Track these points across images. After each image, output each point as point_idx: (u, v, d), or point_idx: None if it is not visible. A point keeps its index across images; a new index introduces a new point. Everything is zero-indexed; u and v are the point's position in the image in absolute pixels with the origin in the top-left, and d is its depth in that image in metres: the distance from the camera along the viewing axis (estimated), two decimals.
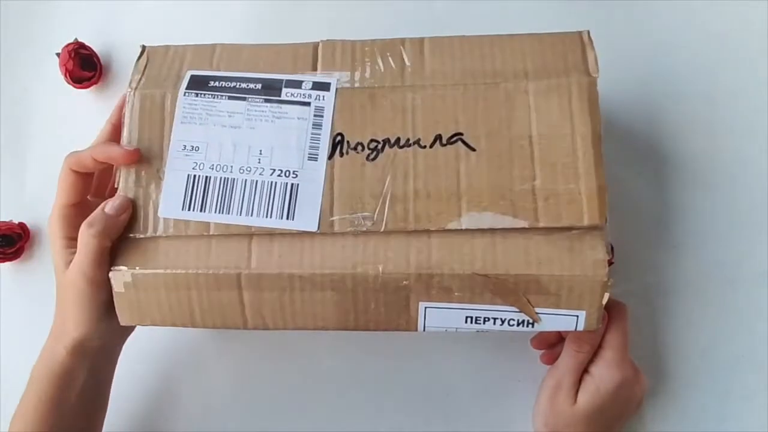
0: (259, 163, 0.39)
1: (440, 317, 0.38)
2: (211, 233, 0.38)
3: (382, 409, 0.47)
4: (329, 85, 0.40)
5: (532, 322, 0.37)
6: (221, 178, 0.39)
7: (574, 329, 0.37)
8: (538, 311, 0.37)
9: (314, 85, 0.40)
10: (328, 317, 0.38)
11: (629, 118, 0.49)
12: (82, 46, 0.52)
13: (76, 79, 0.52)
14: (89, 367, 0.40)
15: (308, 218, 0.38)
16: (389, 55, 0.40)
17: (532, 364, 0.46)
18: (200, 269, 0.37)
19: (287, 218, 0.38)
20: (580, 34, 0.40)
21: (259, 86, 0.40)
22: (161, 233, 0.38)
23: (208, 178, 0.39)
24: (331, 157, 0.39)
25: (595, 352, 0.42)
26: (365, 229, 0.37)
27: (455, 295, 0.37)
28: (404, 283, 0.37)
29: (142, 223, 0.39)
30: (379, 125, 0.39)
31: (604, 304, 0.36)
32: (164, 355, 0.49)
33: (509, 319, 0.37)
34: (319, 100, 0.39)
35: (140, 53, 0.42)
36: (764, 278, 0.47)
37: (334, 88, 0.40)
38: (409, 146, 0.38)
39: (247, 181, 0.38)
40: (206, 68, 0.41)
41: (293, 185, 0.38)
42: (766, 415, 0.46)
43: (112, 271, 0.38)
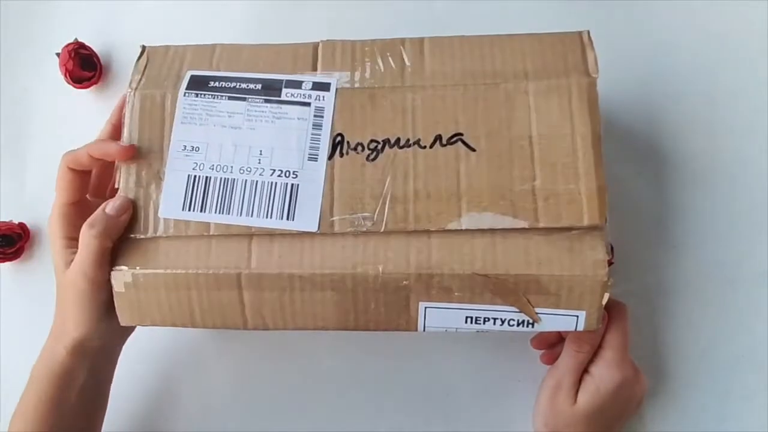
0: (259, 163, 0.39)
1: (440, 317, 0.38)
2: (211, 233, 0.38)
3: (382, 409, 0.47)
4: (329, 85, 0.40)
5: (532, 322, 0.37)
6: (221, 178, 0.39)
7: (574, 329, 0.37)
8: (538, 311, 0.37)
9: (314, 85, 0.40)
10: (328, 317, 0.38)
11: (629, 118, 0.49)
12: (82, 46, 0.52)
13: (76, 79, 0.52)
14: (89, 367, 0.40)
15: (308, 218, 0.38)
16: (389, 55, 0.40)
17: (532, 364, 0.46)
18: (200, 269, 0.37)
19: (287, 218, 0.38)
20: (580, 34, 0.40)
21: (259, 86, 0.40)
22: (161, 233, 0.38)
23: (208, 178, 0.39)
24: (331, 157, 0.39)
25: (595, 352, 0.42)
26: (365, 229, 0.37)
27: (455, 295, 0.37)
28: (404, 283, 0.37)
29: (142, 223, 0.39)
30: (379, 125, 0.39)
31: (604, 304, 0.36)
32: (164, 355, 0.49)
33: (509, 319, 0.37)
34: (319, 100, 0.39)
35: (140, 53, 0.42)
36: (764, 278, 0.47)
37: (334, 88, 0.40)
38: (409, 146, 0.38)
39: (247, 181, 0.38)
40: (206, 68, 0.41)
41: (293, 186, 0.38)
42: (766, 415, 0.46)
43: (113, 271, 0.38)
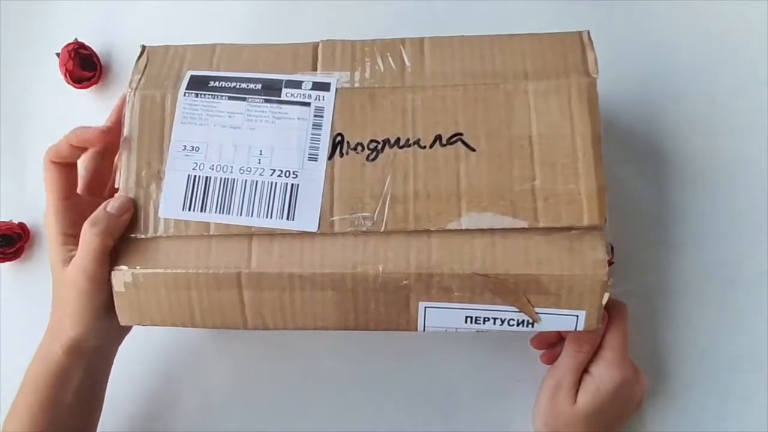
0: (259, 163, 0.39)
1: (440, 317, 0.38)
2: (211, 233, 0.38)
3: (382, 409, 0.47)
4: (329, 85, 0.40)
5: (532, 322, 0.37)
6: (221, 178, 0.39)
7: (574, 329, 0.37)
8: (538, 311, 0.37)
9: (314, 85, 0.40)
10: (328, 317, 0.38)
11: (629, 118, 0.49)
12: (82, 46, 0.52)
13: (76, 79, 0.52)
14: (85, 366, 0.40)
15: (308, 218, 0.38)
16: (389, 55, 0.40)
17: (532, 364, 0.46)
18: (200, 269, 0.37)
19: (287, 218, 0.38)
20: (580, 34, 0.40)
21: (259, 86, 0.40)
22: (162, 233, 0.38)
23: (208, 178, 0.39)
24: (331, 157, 0.39)
25: (595, 352, 0.42)
26: (365, 229, 0.37)
27: (455, 294, 0.37)
28: (404, 282, 0.37)
29: (142, 223, 0.39)
30: (379, 125, 0.39)
31: (604, 303, 0.36)
32: (164, 355, 0.49)
33: (509, 319, 0.37)
34: (319, 100, 0.39)
35: (140, 53, 0.42)
36: (764, 278, 0.47)
37: (334, 88, 0.40)
38: (409, 146, 0.38)
39: (247, 181, 0.38)
40: (206, 68, 0.41)
41: (293, 185, 0.38)
42: (766, 415, 0.46)
43: (113, 270, 0.38)
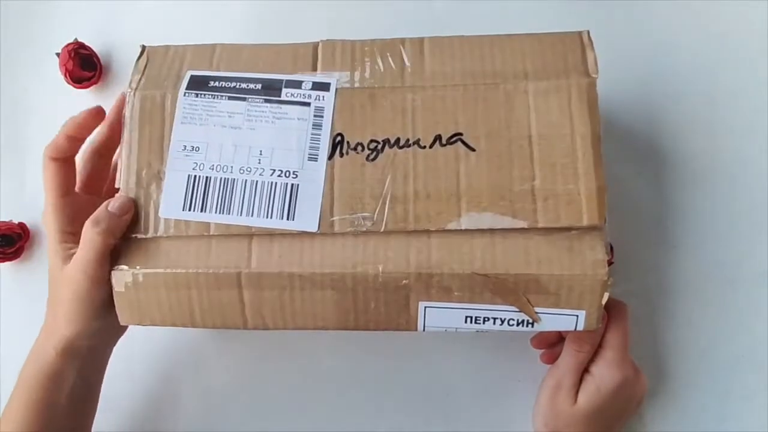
0: (259, 163, 0.39)
1: (440, 317, 0.38)
2: (211, 233, 0.38)
3: (382, 409, 0.47)
4: (329, 85, 0.40)
5: (532, 321, 0.37)
6: (221, 178, 0.39)
7: (574, 329, 0.37)
8: (537, 311, 0.37)
9: (314, 85, 0.40)
10: (328, 317, 0.38)
11: (629, 118, 0.49)
12: (82, 46, 0.52)
13: (76, 79, 0.52)
14: (78, 368, 0.40)
15: (308, 218, 0.38)
16: (389, 55, 0.40)
17: (532, 364, 0.46)
18: (200, 269, 0.37)
19: (287, 218, 0.38)
20: (579, 34, 0.40)
21: (259, 86, 0.40)
22: (162, 233, 0.38)
23: (208, 178, 0.39)
24: (331, 157, 0.39)
25: (595, 351, 0.42)
26: (365, 229, 0.37)
27: (455, 294, 0.37)
28: (404, 282, 0.37)
29: (142, 223, 0.38)
30: (379, 125, 0.39)
31: (603, 303, 0.36)
32: (164, 355, 0.49)
33: (509, 318, 0.37)
34: (319, 100, 0.39)
35: (140, 53, 0.42)
36: (764, 278, 0.47)
37: (333, 88, 0.40)
38: (408, 146, 0.38)
39: (247, 181, 0.38)
40: (206, 68, 0.41)
41: (293, 186, 0.38)
42: (766, 415, 0.46)
43: (113, 270, 0.38)
